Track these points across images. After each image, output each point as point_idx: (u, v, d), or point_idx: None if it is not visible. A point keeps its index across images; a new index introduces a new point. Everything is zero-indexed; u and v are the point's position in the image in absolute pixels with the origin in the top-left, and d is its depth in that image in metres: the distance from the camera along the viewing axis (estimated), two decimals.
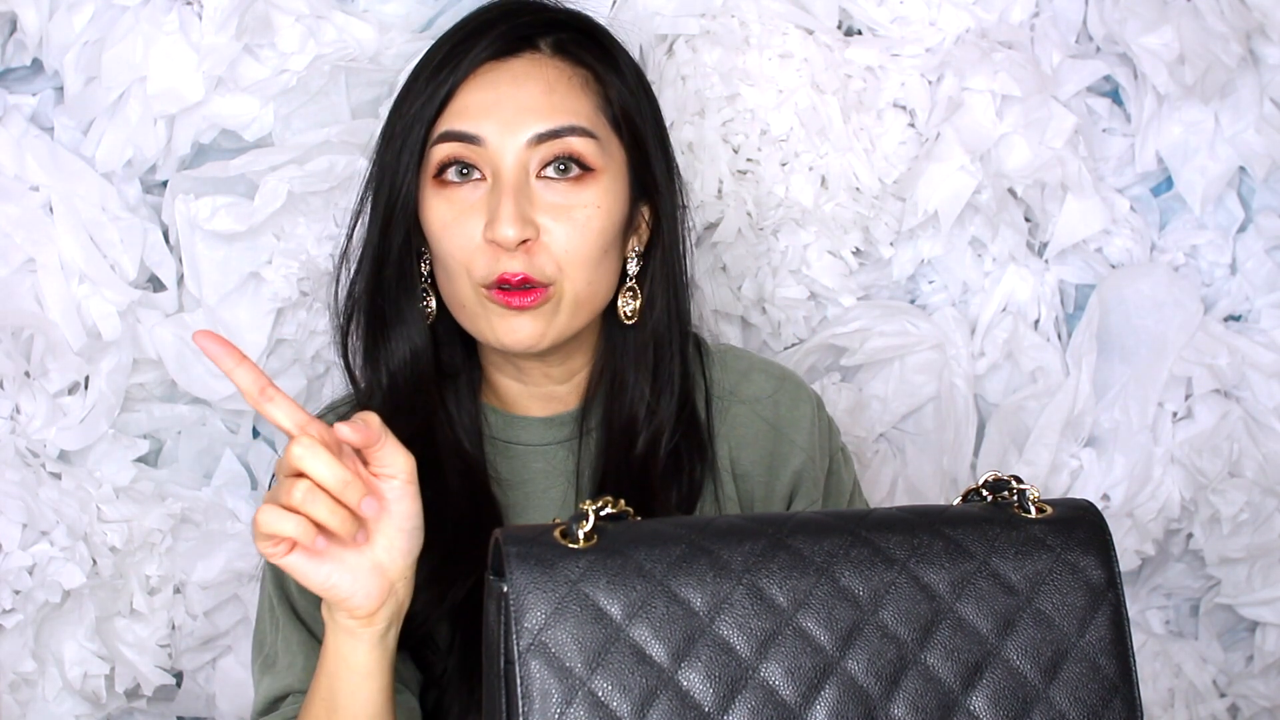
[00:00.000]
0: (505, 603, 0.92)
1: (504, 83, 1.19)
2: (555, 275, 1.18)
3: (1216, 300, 1.69)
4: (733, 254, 1.63)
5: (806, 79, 1.59)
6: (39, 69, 1.56)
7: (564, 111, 1.19)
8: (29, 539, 1.52)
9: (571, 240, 1.18)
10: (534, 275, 1.17)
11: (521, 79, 1.19)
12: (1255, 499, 1.67)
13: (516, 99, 1.18)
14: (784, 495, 1.29)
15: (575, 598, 0.91)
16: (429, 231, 1.21)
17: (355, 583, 1.02)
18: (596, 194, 1.19)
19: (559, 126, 1.18)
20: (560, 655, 0.91)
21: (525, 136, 1.18)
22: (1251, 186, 1.69)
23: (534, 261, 1.17)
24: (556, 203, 1.18)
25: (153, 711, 1.65)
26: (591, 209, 1.19)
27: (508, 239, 1.15)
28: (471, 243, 1.18)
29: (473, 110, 1.19)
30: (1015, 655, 0.97)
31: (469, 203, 1.19)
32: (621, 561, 0.93)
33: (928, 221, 1.63)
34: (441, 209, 1.20)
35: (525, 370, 1.26)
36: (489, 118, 1.18)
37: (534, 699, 0.90)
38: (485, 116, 1.18)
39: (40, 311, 1.52)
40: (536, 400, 1.28)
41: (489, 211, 1.17)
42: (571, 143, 1.18)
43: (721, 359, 1.32)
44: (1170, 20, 1.58)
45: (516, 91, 1.19)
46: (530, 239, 1.17)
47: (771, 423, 1.29)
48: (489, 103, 1.18)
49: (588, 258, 1.19)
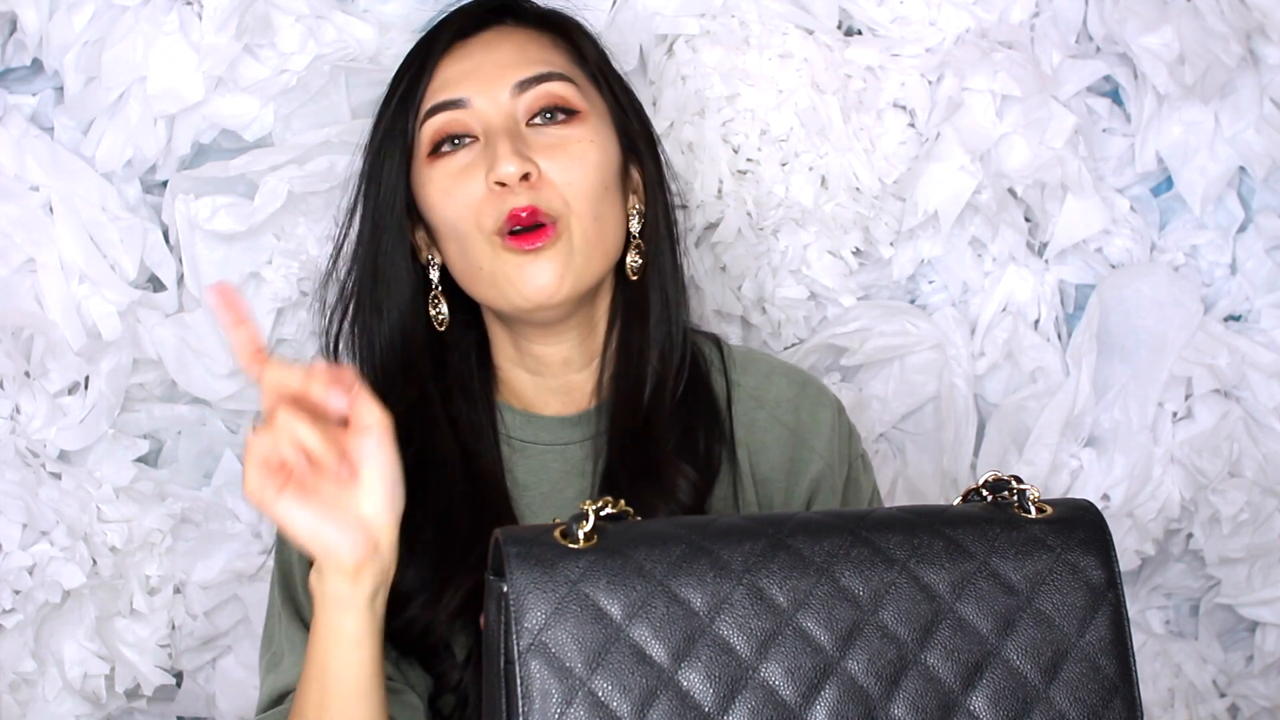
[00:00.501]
0: (505, 603, 0.92)
1: (476, 51, 1.24)
2: (562, 209, 1.21)
3: (1216, 300, 1.69)
4: (733, 254, 1.63)
5: (806, 79, 1.59)
6: (39, 69, 1.56)
7: (540, 61, 1.24)
8: (29, 539, 1.52)
9: (571, 173, 1.21)
10: (541, 206, 1.20)
11: (493, 43, 1.25)
12: (1255, 499, 1.67)
13: (491, 60, 1.24)
14: (802, 501, 1.29)
15: (575, 598, 0.92)
16: (432, 208, 1.24)
17: (340, 534, 1.03)
18: (587, 130, 1.23)
19: (538, 73, 1.23)
20: (560, 655, 0.91)
21: (507, 88, 1.22)
22: (1251, 186, 1.69)
23: (539, 195, 1.20)
24: (550, 143, 1.22)
25: (153, 711, 1.65)
26: (585, 143, 1.23)
27: (510, 174, 1.19)
28: (476, 197, 1.21)
29: (452, 80, 1.23)
30: (1015, 655, 0.98)
31: (464, 164, 1.22)
32: (621, 561, 0.93)
33: (928, 221, 1.63)
34: (439, 179, 1.23)
35: (543, 359, 1.27)
36: (468, 80, 1.23)
37: (534, 699, 0.90)
38: (465, 80, 1.23)
39: (40, 311, 1.52)
40: (555, 396, 1.29)
41: (487, 160, 1.21)
42: (553, 87, 1.23)
43: (742, 361, 1.32)
44: (1170, 20, 1.58)
45: (490, 54, 1.24)
46: (532, 174, 1.20)
47: (791, 428, 1.29)
48: (466, 70, 1.24)
49: (590, 190, 1.22)
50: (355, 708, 1.08)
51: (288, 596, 1.24)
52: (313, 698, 1.09)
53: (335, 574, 1.05)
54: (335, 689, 1.08)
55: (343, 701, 1.08)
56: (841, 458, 1.31)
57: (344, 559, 1.05)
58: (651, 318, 1.27)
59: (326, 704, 1.08)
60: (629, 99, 1.31)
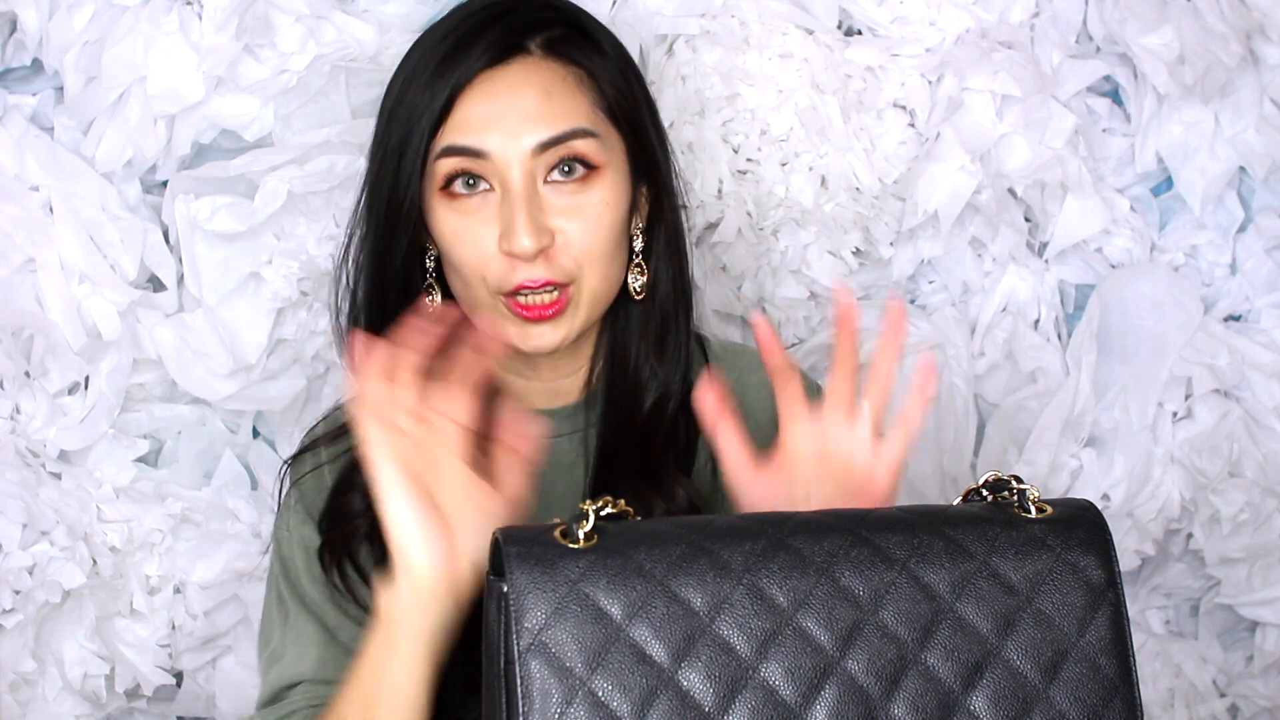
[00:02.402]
0: (505, 602, 0.92)
1: (501, 93, 1.19)
2: (574, 273, 1.19)
3: (1216, 300, 1.69)
4: (733, 254, 1.63)
5: (806, 79, 1.59)
6: (39, 69, 1.56)
7: (564, 115, 1.19)
8: (29, 539, 1.52)
9: (586, 239, 1.19)
10: (556, 277, 1.18)
11: (518, 86, 1.20)
12: (1255, 499, 1.67)
13: (516, 108, 1.19)
14: None
15: (575, 598, 0.91)
16: (440, 240, 1.22)
17: (426, 539, 1.03)
18: (604, 191, 1.20)
19: (561, 132, 1.19)
20: (560, 655, 0.91)
21: (529, 145, 1.18)
22: (1251, 186, 1.69)
23: (553, 265, 1.18)
24: (567, 204, 1.19)
25: (153, 711, 1.65)
26: (601, 206, 1.20)
27: (526, 250, 1.16)
28: (485, 252, 1.19)
29: (474, 124, 1.19)
30: (1015, 655, 0.97)
31: (479, 212, 1.19)
32: (621, 561, 0.93)
33: (928, 221, 1.63)
34: (451, 220, 1.20)
35: (534, 365, 1.27)
36: (491, 130, 1.18)
37: (534, 699, 0.90)
38: (487, 129, 1.18)
39: (40, 311, 1.52)
40: (541, 395, 1.29)
41: (503, 223, 1.18)
42: (574, 145, 1.19)
43: (724, 356, 1.33)
44: (1170, 20, 1.58)
45: (515, 101, 1.19)
46: (547, 246, 1.18)
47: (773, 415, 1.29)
48: (489, 115, 1.19)
49: (602, 253, 1.20)
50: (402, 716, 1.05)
51: (292, 589, 1.24)
52: (358, 704, 1.07)
53: (407, 587, 1.04)
54: (384, 703, 1.06)
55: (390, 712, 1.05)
56: None
57: (420, 566, 1.03)
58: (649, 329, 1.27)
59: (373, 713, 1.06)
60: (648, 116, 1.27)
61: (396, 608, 1.04)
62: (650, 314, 1.27)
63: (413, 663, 1.05)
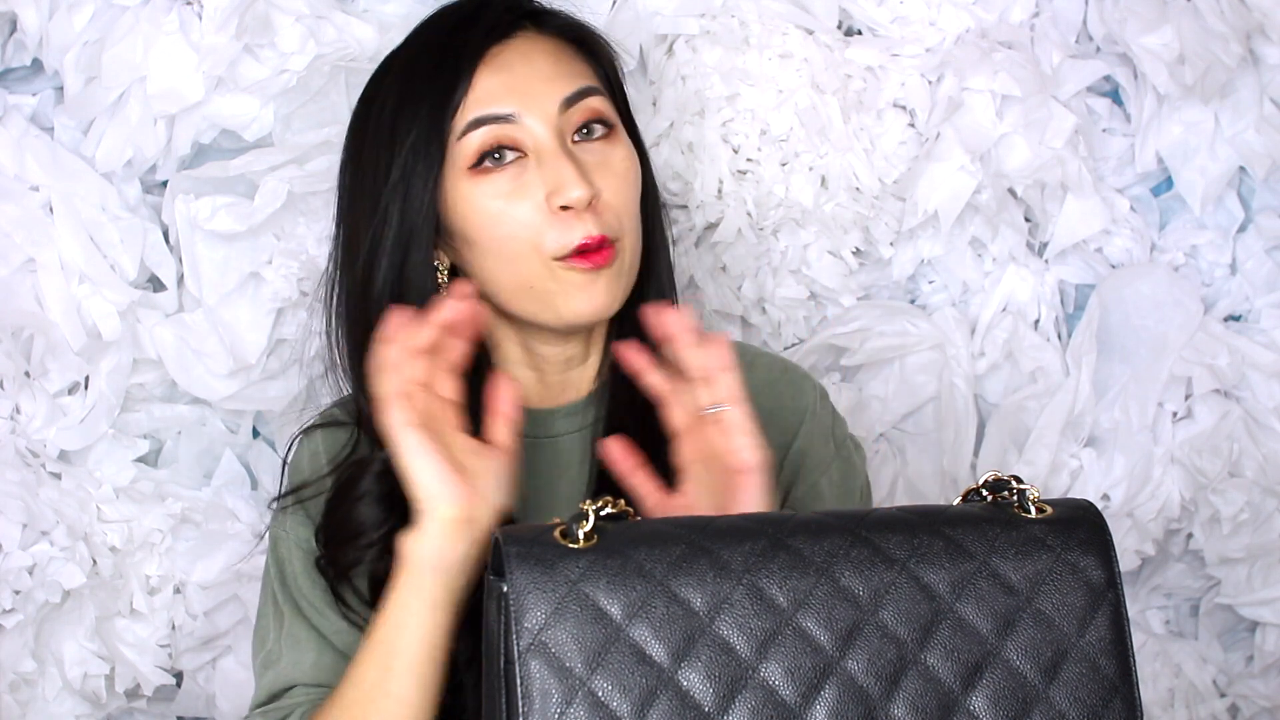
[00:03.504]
0: (505, 603, 0.92)
1: (516, 62, 1.21)
2: (618, 230, 1.20)
3: (1216, 300, 1.69)
4: (733, 254, 1.63)
5: (806, 79, 1.59)
6: (39, 69, 1.56)
7: (576, 75, 1.23)
8: (29, 539, 1.52)
9: (621, 194, 1.21)
10: (609, 233, 1.19)
11: (530, 54, 1.22)
12: (1255, 499, 1.67)
13: (533, 73, 1.21)
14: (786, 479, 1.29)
15: (575, 598, 0.92)
16: (473, 225, 1.20)
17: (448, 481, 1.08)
18: (624, 147, 1.23)
19: (580, 88, 1.22)
20: (560, 655, 0.91)
21: (555, 103, 1.20)
22: (1251, 186, 1.69)
23: (603, 219, 1.19)
24: (597, 162, 1.21)
25: (153, 711, 1.65)
26: (627, 161, 1.22)
27: (580, 198, 1.17)
28: (536, 218, 1.19)
29: (496, 92, 1.20)
30: (1015, 655, 0.97)
31: (517, 182, 1.20)
32: (621, 561, 0.93)
33: (928, 221, 1.63)
34: (487, 200, 1.20)
35: (546, 359, 1.27)
36: (514, 95, 1.20)
37: (534, 699, 0.90)
38: (510, 94, 1.20)
39: (40, 311, 1.52)
40: (551, 391, 1.29)
41: (549, 181, 1.18)
42: (593, 102, 1.22)
43: None
44: (1170, 20, 1.58)
45: (530, 67, 1.21)
46: (595, 197, 1.19)
47: (771, 410, 1.29)
48: (508, 83, 1.20)
49: (634, 208, 1.23)
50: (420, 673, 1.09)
51: (287, 593, 1.24)
52: (378, 661, 1.10)
53: (431, 520, 1.08)
54: (404, 655, 1.09)
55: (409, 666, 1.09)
56: (826, 437, 1.31)
57: (444, 505, 1.08)
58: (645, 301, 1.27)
59: (392, 667, 1.09)
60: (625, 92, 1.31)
61: (422, 547, 1.09)
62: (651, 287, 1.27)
63: (436, 603, 1.09)
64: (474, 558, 1.09)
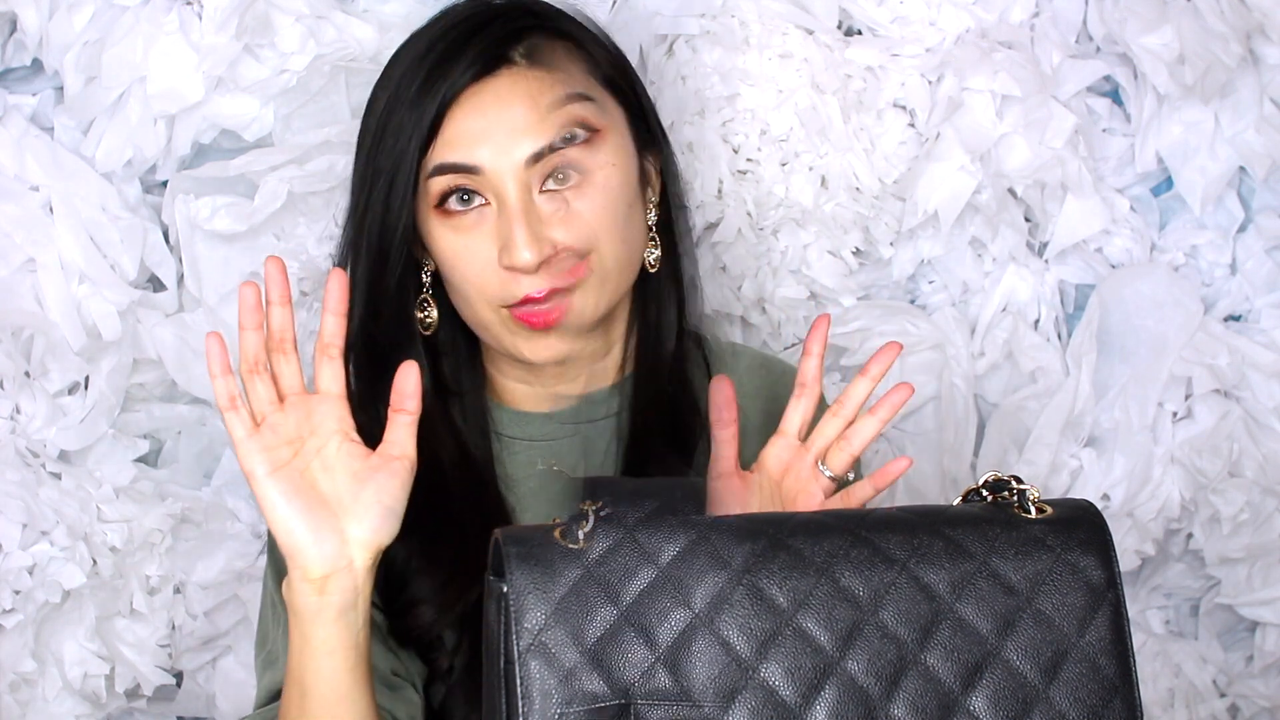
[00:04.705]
0: (505, 603, 0.92)
1: (489, 106, 1.18)
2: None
3: (1216, 300, 1.69)
4: (733, 254, 1.63)
5: (806, 79, 1.59)
6: (39, 69, 1.56)
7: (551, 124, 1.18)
8: (29, 539, 1.52)
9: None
10: (560, 284, 1.18)
11: (506, 98, 1.19)
12: (1255, 499, 1.67)
13: (505, 121, 1.18)
14: None
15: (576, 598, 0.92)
16: (439, 259, 1.22)
17: (315, 540, 1.06)
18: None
19: (553, 140, 1.18)
20: (560, 656, 0.91)
21: (521, 157, 1.17)
22: (1251, 186, 1.69)
23: (556, 270, 1.17)
24: (556, 212, 1.18)
25: (153, 711, 1.65)
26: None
27: (527, 264, 1.16)
28: (486, 268, 1.18)
29: (464, 139, 1.18)
30: (1015, 655, 0.98)
31: (476, 228, 1.19)
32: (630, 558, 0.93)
33: (928, 221, 1.63)
34: (449, 238, 1.20)
35: (537, 373, 1.27)
36: (482, 144, 1.18)
37: (534, 699, 0.90)
38: (478, 144, 1.18)
39: (40, 311, 1.52)
40: (545, 400, 1.29)
41: (500, 238, 1.17)
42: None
43: (724, 355, 1.33)
44: (1170, 20, 1.58)
45: (503, 113, 1.18)
46: (549, 256, 1.17)
47: (769, 414, 1.29)
48: (479, 130, 1.18)
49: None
50: (336, 711, 1.08)
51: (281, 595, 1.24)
52: (294, 701, 1.10)
53: (301, 581, 1.07)
54: (313, 695, 1.09)
55: (322, 707, 1.08)
56: None
57: (311, 566, 1.06)
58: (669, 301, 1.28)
59: (306, 709, 1.09)
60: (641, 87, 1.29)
61: (298, 602, 1.07)
62: (670, 288, 1.27)
63: (329, 649, 1.08)
64: (361, 600, 1.08)
